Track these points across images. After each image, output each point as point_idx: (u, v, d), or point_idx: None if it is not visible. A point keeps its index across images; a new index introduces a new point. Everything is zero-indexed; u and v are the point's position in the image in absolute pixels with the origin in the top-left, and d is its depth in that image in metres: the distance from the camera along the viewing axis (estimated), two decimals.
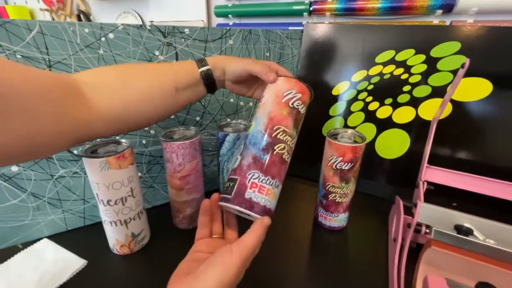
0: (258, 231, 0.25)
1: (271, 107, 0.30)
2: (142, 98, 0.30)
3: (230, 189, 0.27)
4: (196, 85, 0.34)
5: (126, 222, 0.37)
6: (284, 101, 0.30)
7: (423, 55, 0.48)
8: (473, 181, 0.38)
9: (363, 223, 0.47)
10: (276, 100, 0.30)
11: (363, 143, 0.39)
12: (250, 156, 0.28)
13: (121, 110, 0.29)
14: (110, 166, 0.33)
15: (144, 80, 0.30)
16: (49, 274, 0.35)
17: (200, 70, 0.34)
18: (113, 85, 0.28)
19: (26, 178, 0.38)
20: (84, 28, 0.37)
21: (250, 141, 0.29)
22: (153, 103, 0.31)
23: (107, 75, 0.29)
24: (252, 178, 0.27)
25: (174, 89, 0.32)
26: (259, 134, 0.29)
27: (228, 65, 0.35)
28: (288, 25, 0.68)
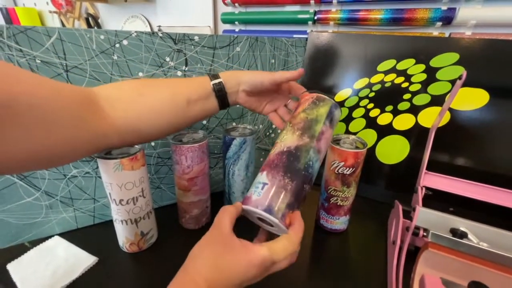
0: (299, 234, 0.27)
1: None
2: (154, 110, 0.31)
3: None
4: (207, 98, 0.35)
5: (136, 221, 0.38)
6: None
7: (423, 65, 0.50)
8: (469, 187, 0.40)
9: (363, 226, 0.49)
10: None
11: (364, 149, 0.41)
12: None
13: (135, 122, 0.30)
14: (124, 167, 0.34)
15: (157, 92, 0.32)
16: (62, 270, 0.37)
17: (212, 82, 0.35)
18: (128, 98, 0.30)
19: (41, 177, 0.40)
20: (100, 35, 0.39)
21: None
22: (165, 115, 0.32)
23: (123, 90, 0.31)
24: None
25: (186, 101, 0.33)
26: None
27: (243, 75, 0.36)
28: (293, 33, 0.70)
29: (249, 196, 0.29)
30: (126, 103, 0.30)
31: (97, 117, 0.27)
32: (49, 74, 0.37)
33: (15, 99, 0.19)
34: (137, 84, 0.32)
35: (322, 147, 0.32)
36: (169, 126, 0.34)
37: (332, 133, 0.34)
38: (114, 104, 0.29)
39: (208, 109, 0.36)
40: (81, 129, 0.25)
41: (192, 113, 0.34)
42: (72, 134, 0.25)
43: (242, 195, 0.48)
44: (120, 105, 0.30)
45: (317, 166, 0.31)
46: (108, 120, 0.28)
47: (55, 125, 0.23)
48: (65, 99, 0.24)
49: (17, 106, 0.19)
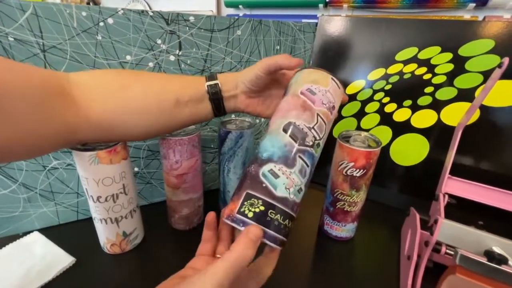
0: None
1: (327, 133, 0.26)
2: (137, 106, 0.27)
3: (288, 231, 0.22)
4: (200, 101, 0.30)
5: (117, 221, 0.35)
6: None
7: (450, 53, 0.44)
8: (503, 197, 0.34)
9: (372, 235, 0.44)
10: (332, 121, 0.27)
11: (378, 148, 0.36)
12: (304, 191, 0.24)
13: (113, 117, 0.26)
14: (100, 160, 0.30)
15: (143, 86, 0.28)
16: (36, 270, 0.34)
17: (206, 83, 0.30)
18: (107, 89, 0.26)
19: (17, 168, 0.37)
20: (81, 11, 0.35)
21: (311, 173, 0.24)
22: (148, 114, 0.28)
23: (103, 78, 0.27)
24: None
25: (174, 101, 0.28)
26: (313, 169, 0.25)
27: (240, 75, 0.31)
28: (301, 18, 0.64)
29: None
30: (105, 95, 0.26)
31: (67, 109, 0.23)
32: (24, 54, 0.33)
33: None
34: (121, 76, 0.28)
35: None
36: (151, 128, 0.29)
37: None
38: (91, 95, 0.25)
39: (200, 114, 0.31)
40: (47, 122, 0.22)
41: (181, 115, 0.30)
42: (36, 127, 0.21)
43: None
44: (98, 96, 0.26)
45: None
46: (80, 112, 0.24)
47: (15, 116, 0.19)
48: (28, 85, 0.20)
49: None
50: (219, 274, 0.17)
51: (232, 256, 0.18)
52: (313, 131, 0.24)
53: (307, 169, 0.23)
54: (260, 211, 0.21)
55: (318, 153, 0.25)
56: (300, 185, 0.23)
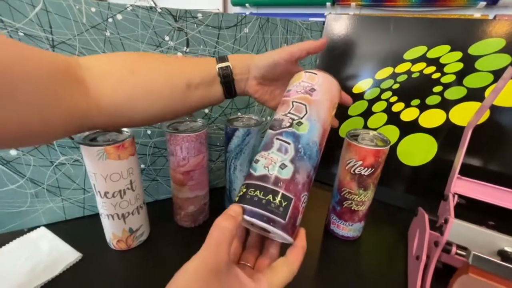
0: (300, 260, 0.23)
1: (325, 115, 0.26)
2: (147, 92, 0.26)
3: (283, 211, 0.22)
4: (210, 84, 0.30)
5: (124, 217, 0.35)
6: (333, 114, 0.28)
7: (460, 52, 0.43)
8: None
9: (379, 234, 0.43)
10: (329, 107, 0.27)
11: (386, 146, 0.35)
12: (305, 173, 0.24)
13: (124, 103, 0.26)
14: (108, 156, 0.30)
15: (152, 70, 0.27)
16: (42, 265, 0.34)
17: (218, 65, 0.29)
18: (118, 74, 0.25)
19: (25, 163, 0.37)
20: (90, 7, 0.35)
21: (305, 150, 0.24)
22: (159, 99, 0.27)
23: (114, 63, 0.26)
24: (304, 201, 0.24)
25: (185, 85, 0.28)
26: (315, 147, 0.25)
27: (254, 59, 0.31)
28: (308, 16, 0.64)
29: None
30: (115, 80, 0.25)
31: (77, 94, 0.23)
32: None
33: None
34: (130, 59, 0.28)
35: None
36: (164, 112, 0.29)
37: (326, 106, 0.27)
38: (101, 80, 0.25)
39: (211, 97, 0.31)
40: (55, 107, 0.21)
41: (192, 99, 0.29)
42: (44, 112, 0.21)
43: None
44: (108, 82, 0.25)
45: None
46: (90, 97, 0.24)
47: (23, 100, 0.19)
48: (36, 68, 0.20)
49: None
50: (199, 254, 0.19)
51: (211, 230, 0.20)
52: (289, 115, 0.25)
53: (287, 146, 0.24)
54: (242, 193, 0.23)
55: (305, 129, 0.25)
56: (282, 161, 0.23)
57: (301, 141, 0.24)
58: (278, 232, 0.21)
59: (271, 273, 0.22)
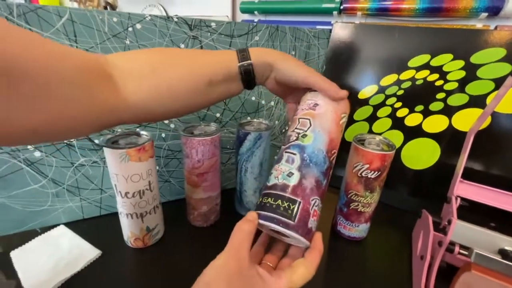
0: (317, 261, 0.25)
1: (330, 125, 0.28)
2: (169, 90, 0.27)
3: (291, 213, 0.24)
4: (232, 80, 0.30)
5: (142, 216, 0.36)
6: (341, 122, 0.29)
7: (462, 60, 0.45)
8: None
9: (383, 236, 0.45)
10: (335, 118, 0.29)
11: (392, 151, 0.37)
12: (313, 178, 0.26)
13: (149, 99, 0.26)
14: (131, 158, 0.32)
15: (174, 69, 0.28)
16: (64, 262, 0.35)
17: (239, 64, 0.29)
18: (140, 73, 0.26)
19: (48, 164, 0.39)
20: (112, 17, 0.37)
21: (311, 158, 0.26)
22: (181, 96, 0.28)
23: (137, 60, 0.27)
24: (315, 205, 0.25)
25: (207, 82, 0.28)
26: (321, 154, 0.27)
27: (280, 63, 0.30)
28: (315, 24, 0.66)
29: None
30: (140, 79, 0.26)
31: (107, 90, 0.24)
32: None
33: (12, 62, 0.16)
34: (152, 57, 0.28)
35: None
36: (186, 107, 0.30)
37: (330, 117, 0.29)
38: (126, 77, 0.25)
39: (232, 91, 0.31)
40: (89, 102, 0.22)
41: (214, 94, 0.30)
42: (78, 108, 0.21)
43: (255, 194, 0.45)
44: (133, 80, 0.26)
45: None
46: (119, 94, 0.24)
47: (58, 96, 0.20)
48: (71, 67, 0.21)
49: (13, 71, 0.16)
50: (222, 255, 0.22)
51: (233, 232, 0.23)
52: (296, 130, 0.28)
53: (294, 157, 0.26)
54: (259, 202, 0.26)
55: (311, 139, 0.27)
56: (289, 170, 0.26)
57: (306, 150, 0.26)
58: (290, 233, 0.23)
59: (290, 271, 0.23)
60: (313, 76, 0.29)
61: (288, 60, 0.30)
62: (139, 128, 0.42)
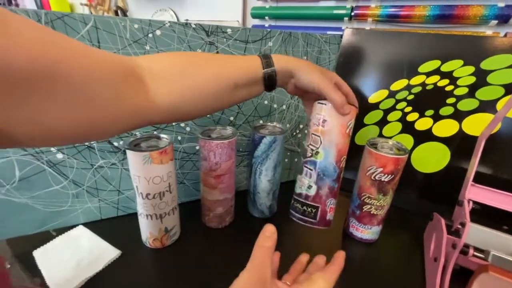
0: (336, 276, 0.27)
1: (338, 139, 0.32)
2: (198, 92, 0.29)
3: (314, 215, 0.33)
4: (255, 84, 0.32)
5: (161, 217, 0.37)
6: (347, 131, 0.32)
7: (472, 66, 0.46)
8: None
9: (395, 238, 0.45)
10: (341, 130, 0.32)
11: (405, 155, 0.38)
12: (327, 187, 0.32)
13: (178, 101, 0.28)
14: (153, 160, 0.33)
15: (202, 72, 0.29)
16: (86, 261, 0.36)
17: (264, 70, 0.31)
18: (170, 76, 0.27)
19: (69, 166, 0.40)
20: (134, 23, 0.38)
21: (323, 172, 0.32)
22: (209, 98, 0.29)
23: (167, 63, 0.28)
24: (330, 204, 0.33)
25: (233, 85, 0.30)
26: (331, 166, 0.32)
27: (299, 71, 0.32)
28: (326, 30, 0.67)
29: None
30: (169, 81, 0.27)
31: (139, 92, 0.25)
32: None
33: (53, 68, 0.17)
34: (182, 61, 0.29)
35: None
36: (212, 108, 0.32)
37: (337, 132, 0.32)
38: (157, 81, 0.26)
39: (254, 93, 0.33)
40: (122, 105, 0.23)
41: (238, 97, 0.32)
42: (113, 110, 0.22)
43: (268, 196, 0.46)
44: (163, 82, 0.27)
45: None
46: (150, 95, 0.25)
47: (95, 100, 0.20)
48: (106, 71, 0.22)
49: (55, 76, 0.17)
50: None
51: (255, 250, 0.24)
52: (310, 146, 0.33)
53: (311, 172, 0.33)
54: (291, 204, 0.35)
55: (322, 155, 0.32)
56: (308, 183, 0.33)
57: (320, 166, 0.32)
58: (314, 227, 0.33)
59: (308, 284, 0.25)
60: (325, 86, 0.31)
61: (306, 68, 0.32)
62: (156, 131, 0.43)
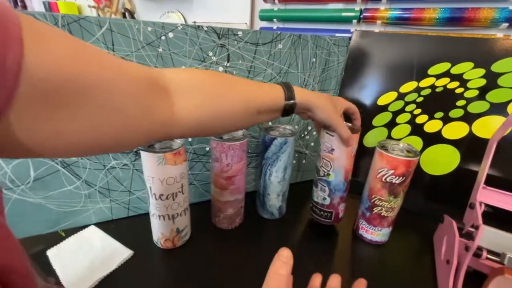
0: None
1: (345, 162, 0.40)
2: (228, 114, 0.29)
3: (330, 217, 0.44)
4: (275, 112, 0.34)
5: (173, 217, 0.38)
6: (352, 154, 0.41)
7: (483, 69, 0.46)
8: None
9: (404, 240, 0.45)
10: (347, 156, 0.40)
11: (416, 157, 0.38)
12: (338, 197, 0.42)
13: (207, 118, 0.28)
14: (167, 161, 0.34)
15: (235, 96, 0.30)
16: (99, 261, 0.37)
17: (285, 102, 0.33)
18: (205, 94, 0.27)
19: (82, 166, 0.40)
20: (147, 26, 0.39)
21: (335, 188, 0.42)
22: (235, 120, 0.30)
23: (200, 81, 0.28)
24: (341, 207, 0.44)
25: (257, 111, 0.31)
26: (341, 183, 0.41)
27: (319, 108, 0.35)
28: (334, 32, 0.67)
29: None
30: (202, 99, 0.27)
31: (164, 106, 0.24)
32: None
33: (84, 81, 0.17)
34: (216, 81, 0.29)
35: None
36: (236, 128, 0.33)
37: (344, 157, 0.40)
38: (188, 96, 0.26)
39: (271, 119, 0.35)
40: (145, 118, 0.23)
41: (257, 121, 0.33)
42: (136, 123, 0.22)
43: (278, 198, 0.46)
44: (194, 99, 0.26)
45: None
46: (175, 110, 0.25)
47: (120, 113, 0.20)
48: (132, 83, 0.21)
49: (85, 89, 0.17)
50: None
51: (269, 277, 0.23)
52: (322, 167, 0.42)
53: (325, 188, 0.42)
54: (311, 208, 0.46)
55: (333, 177, 0.41)
56: (323, 196, 0.43)
57: (332, 184, 0.42)
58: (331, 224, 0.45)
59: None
60: (337, 125, 0.37)
61: (324, 106, 0.36)
62: None
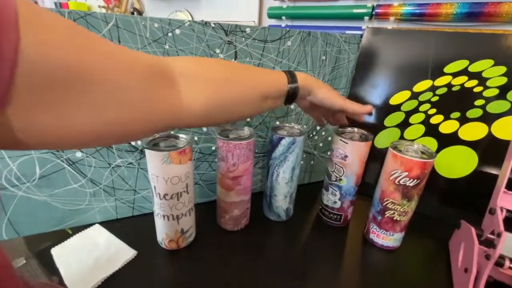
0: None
1: (357, 169, 0.42)
2: (238, 100, 0.29)
3: (339, 219, 0.46)
4: (279, 98, 0.33)
5: (178, 218, 0.37)
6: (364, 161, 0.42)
7: (504, 67, 0.43)
8: None
9: (418, 245, 0.43)
10: (360, 162, 0.41)
11: (432, 159, 0.36)
12: (348, 201, 0.44)
13: (215, 108, 0.27)
14: (172, 160, 0.33)
15: (242, 82, 0.29)
16: (103, 260, 0.36)
17: (288, 86, 0.33)
18: (215, 83, 0.27)
19: (87, 165, 0.40)
20: (154, 23, 0.38)
21: (346, 193, 0.43)
22: (242, 107, 0.30)
23: (210, 70, 0.27)
24: (350, 210, 0.45)
25: (264, 97, 0.31)
26: (352, 188, 0.43)
27: (317, 89, 0.35)
28: (344, 29, 0.65)
29: None
30: (212, 88, 0.26)
31: (171, 96, 0.24)
32: None
33: (86, 68, 0.17)
34: (225, 69, 0.29)
35: None
36: (242, 116, 0.32)
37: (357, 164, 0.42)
38: (197, 86, 0.25)
39: (276, 105, 0.34)
40: (152, 109, 0.22)
41: (264, 107, 0.33)
42: (143, 114, 0.22)
43: (285, 199, 0.45)
44: (204, 88, 0.26)
45: None
46: (183, 102, 0.25)
47: (126, 104, 0.20)
48: (139, 74, 0.21)
49: (88, 77, 0.17)
50: None
51: None
52: (334, 172, 0.43)
53: (336, 192, 0.44)
54: (321, 210, 0.47)
55: (345, 182, 0.43)
56: (334, 200, 0.45)
57: (343, 189, 0.43)
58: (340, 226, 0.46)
59: None
60: (339, 101, 0.36)
61: (323, 88, 0.36)
62: (174, 131, 0.43)
